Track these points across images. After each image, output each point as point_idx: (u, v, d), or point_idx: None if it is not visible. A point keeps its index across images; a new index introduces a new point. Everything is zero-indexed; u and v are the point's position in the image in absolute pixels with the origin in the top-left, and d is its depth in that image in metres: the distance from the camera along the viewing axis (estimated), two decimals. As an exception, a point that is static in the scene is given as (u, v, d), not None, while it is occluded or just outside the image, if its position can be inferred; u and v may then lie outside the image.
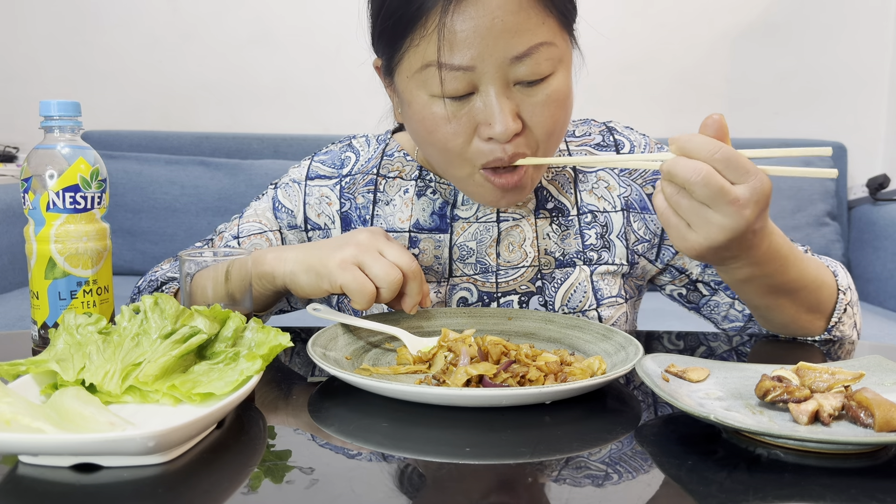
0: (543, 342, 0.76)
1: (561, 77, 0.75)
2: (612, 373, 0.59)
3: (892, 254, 2.20)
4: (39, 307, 0.70)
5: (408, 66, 0.74)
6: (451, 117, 0.74)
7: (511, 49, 0.70)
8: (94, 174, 0.70)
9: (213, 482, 0.45)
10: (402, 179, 0.91)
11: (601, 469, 0.48)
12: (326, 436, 0.53)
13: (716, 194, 0.60)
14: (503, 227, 0.88)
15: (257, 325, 0.61)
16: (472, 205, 0.88)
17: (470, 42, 0.70)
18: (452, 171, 0.79)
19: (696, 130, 0.64)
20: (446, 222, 0.88)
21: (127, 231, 2.34)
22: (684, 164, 0.61)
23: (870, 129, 2.59)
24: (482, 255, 0.88)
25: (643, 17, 2.55)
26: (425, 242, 0.88)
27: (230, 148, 2.46)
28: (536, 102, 0.74)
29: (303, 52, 2.57)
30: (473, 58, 0.70)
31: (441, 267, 0.88)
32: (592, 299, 0.86)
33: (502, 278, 0.87)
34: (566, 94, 0.76)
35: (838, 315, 0.82)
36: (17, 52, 2.59)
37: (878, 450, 0.50)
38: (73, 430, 0.47)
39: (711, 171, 0.60)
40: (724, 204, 0.61)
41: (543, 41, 0.72)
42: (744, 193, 0.61)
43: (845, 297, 0.82)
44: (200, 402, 0.54)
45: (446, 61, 0.71)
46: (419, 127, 0.77)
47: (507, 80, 0.72)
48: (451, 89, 0.72)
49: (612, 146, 0.91)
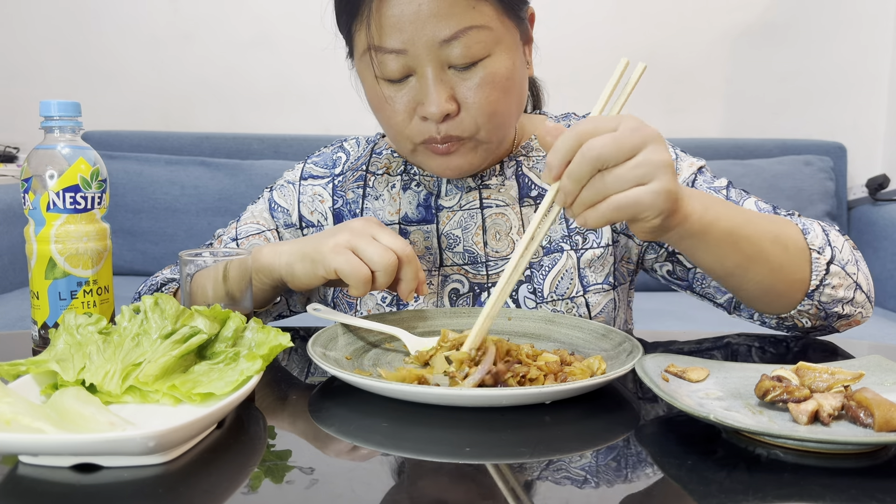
0: (543, 342, 0.76)
1: (498, 59, 0.78)
2: (612, 373, 0.59)
3: (891, 254, 2.20)
4: (40, 307, 0.70)
5: (356, 50, 0.81)
6: (392, 98, 0.79)
7: (439, 32, 0.74)
8: (94, 174, 0.70)
9: (213, 482, 0.45)
10: (389, 175, 0.94)
11: (601, 469, 0.48)
12: (326, 436, 0.53)
13: (622, 142, 0.58)
14: (486, 213, 0.90)
15: (257, 325, 0.61)
16: (454, 194, 0.91)
17: (399, 26, 0.75)
18: (398, 146, 0.85)
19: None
20: (432, 213, 0.91)
21: (127, 231, 2.34)
22: (574, 161, 0.58)
23: (870, 129, 2.59)
24: (469, 244, 0.89)
25: (643, 17, 2.55)
26: (415, 234, 0.91)
27: (230, 148, 2.46)
28: (471, 84, 0.77)
29: (303, 52, 2.57)
30: (404, 42, 0.75)
31: (432, 257, 0.90)
32: (579, 286, 0.87)
33: (492, 269, 0.89)
34: (505, 76, 0.78)
35: (818, 276, 0.76)
36: (17, 52, 2.59)
37: (878, 450, 0.50)
38: (74, 430, 0.47)
39: (595, 138, 0.58)
40: (637, 140, 0.58)
41: (473, 25, 0.75)
42: (629, 124, 0.59)
43: (822, 257, 0.76)
44: (200, 402, 0.54)
45: (379, 45, 0.76)
46: (370, 106, 0.84)
47: (441, 62, 0.76)
48: (387, 72, 0.78)
49: None
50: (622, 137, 0.58)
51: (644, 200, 0.59)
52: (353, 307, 0.91)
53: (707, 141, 2.43)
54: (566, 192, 0.60)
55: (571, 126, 0.60)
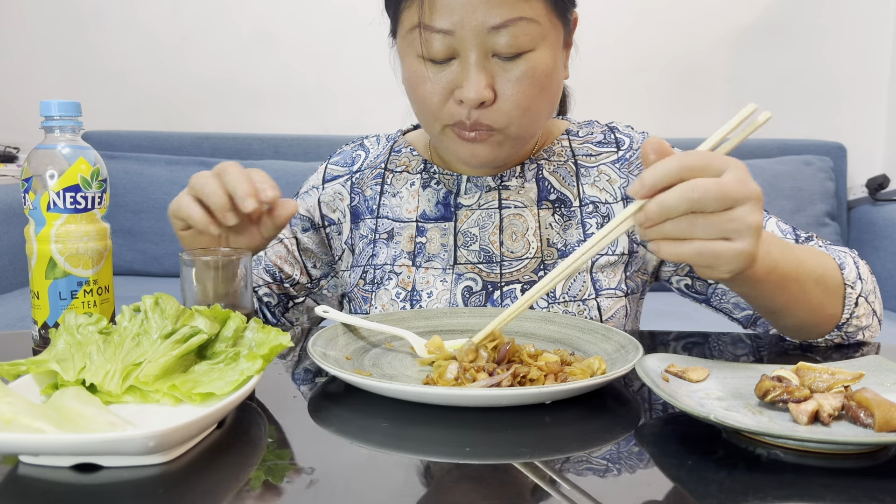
0: (543, 342, 0.76)
1: (541, 55, 0.78)
2: (612, 373, 0.59)
3: (891, 254, 2.20)
4: (40, 307, 0.70)
5: (402, 28, 0.81)
6: (431, 78, 0.79)
7: (489, 19, 0.75)
8: (94, 174, 0.70)
9: (213, 482, 0.45)
10: (408, 173, 0.95)
11: (601, 469, 0.48)
12: (326, 436, 0.53)
13: (727, 192, 0.56)
14: (505, 213, 0.90)
15: (258, 325, 0.61)
16: (474, 193, 0.92)
17: (451, 7, 0.75)
18: (427, 127, 0.85)
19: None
20: (451, 210, 0.92)
21: (127, 231, 2.34)
22: (673, 194, 0.56)
23: (870, 129, 2.59)
24: (485, 243, 0.90)
25: (644, 17, 2.55)
26: (431, 231, 0.91)
27: (230, 148, 2.47)
28: (511, 76, 0.78)
29: (303, 52, 2.57)
30: (454, 23, 0.75)
31: (447, 254, 0.90)
32: (591, 289, 0.87)
33: (506, 269, 0.89)
34: (545, 72, 0.79)
35: (849, 310, 0.78)
36: (17, 53, 2.59)
37: (878, 450, 0.50)
38: (74, 430, 0.47)
39: (701, 180, 0.56)
40: (740, 196, 0.56)
41: (523, 16, 0.76)
42: (737, 175, 0.57)
43: (854, 291, 0.79)
44: (201, 402, 0.54)
45: (428, 23, 0.77)
46: (407, 84, 0.84)
47: (486, 49, 0.77)
48: (431, 51, 0.78)
49: (613, 143, 0.93)
50: (727, 187, 0.56)
51: (724, 256, 0.58)
52: (368, 301, 0.92)
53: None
54: (649, 215, 0.57)
55: (681, 153, 0.58)
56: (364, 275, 0.93)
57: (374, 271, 0.92)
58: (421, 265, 0.90)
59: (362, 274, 0.93)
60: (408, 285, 0.89)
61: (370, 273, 0.92)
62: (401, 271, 0.90)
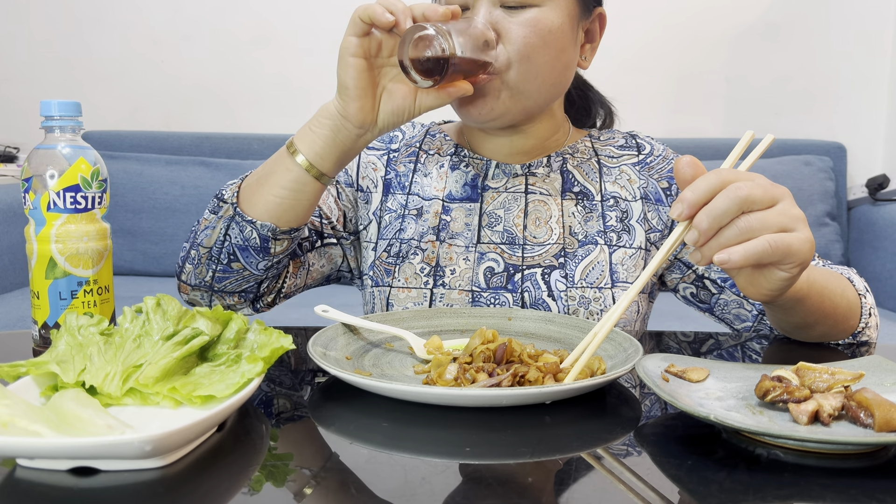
0: (543, 342, 0.76)
1: (547, 13, 0.82)
2: (612, 373, 0.59)
3: (891, 254, 2.20)
4: (40, 307, 0.70)
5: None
6: None
7: None
8: (94, 174, 0.70)
9: (213, 485, 0.45)
10: (439, 156, 0.99)
11: (601, 469, 0.48)
12: (326, 436, 0.53)
13: (767, 189, 0.58)
14: (530, 199, 0.93)
15: (260, 327, 0.61)
16: (501, 178, 0.94)
17: None
18: None
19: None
20: (477, 192, 0.94)
21: (127, 231, 2.34)
22: (719, 199, 0.57)
23: (869, 129, 2.59)
24: (510, 224, 0.92)
25: (643, 17, 2.55)
26: (457, 211, 0.94)
27: (230, 148, 2.47)
28: (515, 22, 0.81)
29: (303, 52, 2.57)
30: None
31: (470, 233, 0.92)
32: (609, 279, 0.89)
33: (528, 253, 0.91)
34: (548, 28, 0.82)
35: (865, 320, 0.83)
36: (17, 52, 2.59)
37: (878, 450, 0.50)
38: (71, 433, 0.46)
39: (741, 181, 0.58)
40: (777, 192, 0.59)
41: None
42: (764, 179, 0.60)
43: (867, 301, 0.84)
44: (201, 404, 0.54)
45: None
46: None
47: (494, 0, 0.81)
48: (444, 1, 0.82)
49: (634, 147, 0.98)
50: (765, 185, 0.59)
51: (794, 245, 0.59)
52: (391, 273, 0.92)
53: (707, 141, 2.43)
54: (701, 229, 0.58)
55: (712, 170, 0.59)
56: (389, 247, 0.94)
57: (399, 245, 0.93)
58: (444, 240, 0.92)
59: (387, 247, 0.94)
60: (432, 261, 0.91)
61: (395, 246, 0.94)
62: (426, 247, 0.92)
